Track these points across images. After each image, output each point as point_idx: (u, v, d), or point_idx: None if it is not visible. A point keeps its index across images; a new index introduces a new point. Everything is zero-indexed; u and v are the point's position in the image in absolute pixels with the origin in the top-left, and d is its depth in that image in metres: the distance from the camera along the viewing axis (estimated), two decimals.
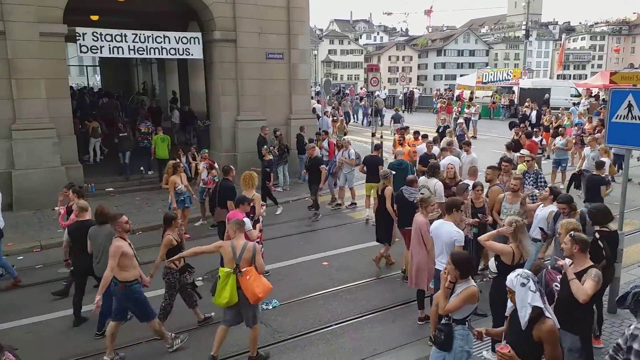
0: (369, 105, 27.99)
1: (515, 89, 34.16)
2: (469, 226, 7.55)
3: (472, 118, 25.30)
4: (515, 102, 32.13)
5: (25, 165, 12.34)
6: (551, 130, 18.40)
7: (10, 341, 6.71)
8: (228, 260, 5.86)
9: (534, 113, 23.52)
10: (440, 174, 9.25)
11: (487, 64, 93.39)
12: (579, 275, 4.72)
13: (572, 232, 4.93)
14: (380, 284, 8.49)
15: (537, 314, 3.75)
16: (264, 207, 8.83)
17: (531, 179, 9.37)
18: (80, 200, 7.88)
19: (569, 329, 4.72)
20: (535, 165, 9.87)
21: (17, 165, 12.36)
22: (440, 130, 17.25)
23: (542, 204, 7.42)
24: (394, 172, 9.65)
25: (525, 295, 3.77)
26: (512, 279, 3.88)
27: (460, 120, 20.67)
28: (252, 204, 7.98)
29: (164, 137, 15.07)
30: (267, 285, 5.96)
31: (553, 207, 7.16)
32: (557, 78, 68.21)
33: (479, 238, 6.22)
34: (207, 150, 12.82)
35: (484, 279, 8.22)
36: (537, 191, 8.89)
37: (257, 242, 7.61)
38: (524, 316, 3.75)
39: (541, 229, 7.00)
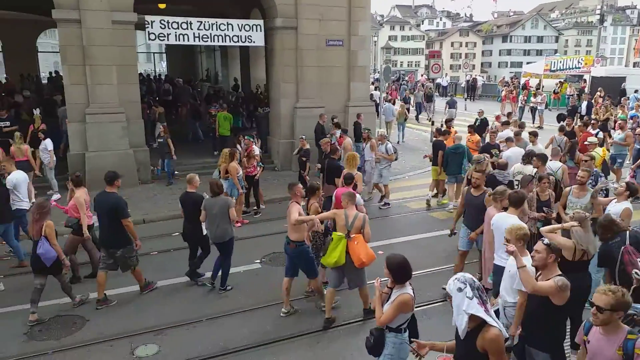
0: (423, 91, 27.63)
1: (587, 77, 32.31)
2: (533, 220, 7.28)
3: (538, 107, 24.31)
4: (586, 91, 30.41)
5: (97, 147, 13.01)
6: (599, 123, 17.06)
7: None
8: (340, 226, 6.57)
9: (584, 104, 22.14)
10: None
11: (556, 51, 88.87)
12: None
13: (545, 240, 4.50)
14: (436, 275, 8.35)
15: (479, 323, 3.47)
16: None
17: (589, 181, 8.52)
18: (192, 176, 8.24)
19: (539, 346, 4.38)
20: (594, 166, 8.97)
21: (90, 147, 13.06)
22: (477, 124, 15.87)
23: (616, 199, 7.03)
24: (487, 159, 9.57)
25: (461, 302, 3.48)
26: (450, 283, 3.61)
27: (498, 112, 19.20)
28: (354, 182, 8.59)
29: (227, 115, 16.14)
30: (372, 254, 6.51)
31: (627, 204, 6.77)
32: (634, 66, 63.97)
33: (541, 229, 6.04)
34: (247, 137, 12.45)
35: None
36: (613, 185, 8.41)
37: None
38: (461, 324, 3.49)
39: None
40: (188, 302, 7.58)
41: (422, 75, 47.80)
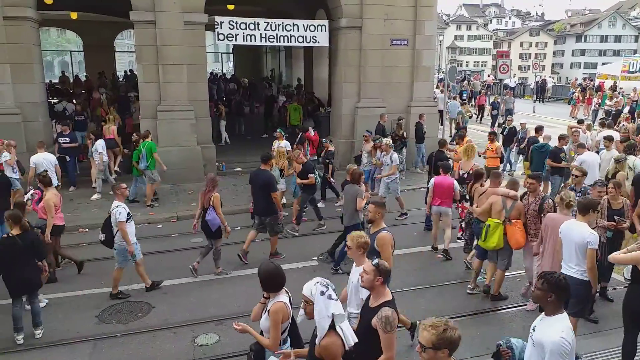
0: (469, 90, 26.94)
1: None
2: (603, 229, 6.91)
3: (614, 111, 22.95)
4: None
5: (166, 143, 13.57)
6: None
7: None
8: (497, 212, 7.26)
9: (626, 109, 20.69)
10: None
11: (635, 51, 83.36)
12: (376, 311, 3.95)
13: (376, 261, 4.08)
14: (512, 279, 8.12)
15: (330, 327, 3.35)
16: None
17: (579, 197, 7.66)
18: (351, 166, 9.34)
19: None
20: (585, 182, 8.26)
21: (160, 143, 13.58)
22: (505, 133, 15.19)
23: None
24: (625, 158, 9.51)
25: (327, 304, 3.39)
26: (311, 287, 3.48)
27: (523, 120, 17.10)
28: (471, 171, 9.41)
29: (297, 106, 18.55)
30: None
31: None
32: None
33: (610, 257, 5.62)
34: (279, 130, 13.19)
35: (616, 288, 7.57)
36: None
37: None
38: (324, 328, 3.36)
39: None
40: (248, 294, 7.74)
41: (488, 76, 46.43)
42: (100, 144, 12.59)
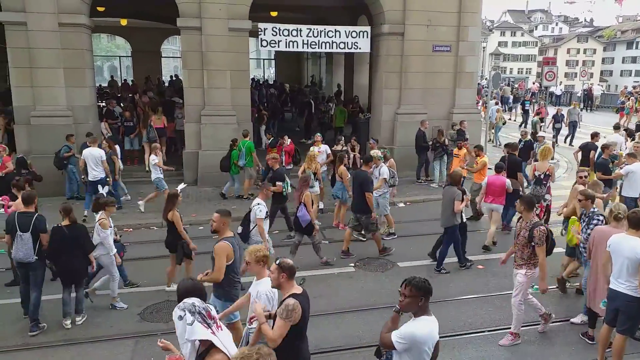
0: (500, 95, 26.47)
1: None
2: None
3: None
4: None
5: (209, 147, 13.87)
6: None
7: None
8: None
9: None
10: None
11: None
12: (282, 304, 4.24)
13: (279, 260, 4.42)
14: (540, 296, 7.88)
15: (207, 347, 3.34)
16: None
17: (585, 223, 7.12)
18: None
19: None
20: (596, 205, 7.30)
21: (204, 146, 13.96)
22: (521, 146, 13.36)
23: None
24: None
25: (182, 330, 3.42)
26: (174, 311, 3.51)
27: (542, 133, 16.11)
28: (548, 172, 10.22)
29: (343, 109, 19.13)
30: None
31: None
32: None
33: None
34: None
35: None
36: None
37: None
38: (186, 354, 3.41)
39: None
40: None
41: (533, 83, 45.26)
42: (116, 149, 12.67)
